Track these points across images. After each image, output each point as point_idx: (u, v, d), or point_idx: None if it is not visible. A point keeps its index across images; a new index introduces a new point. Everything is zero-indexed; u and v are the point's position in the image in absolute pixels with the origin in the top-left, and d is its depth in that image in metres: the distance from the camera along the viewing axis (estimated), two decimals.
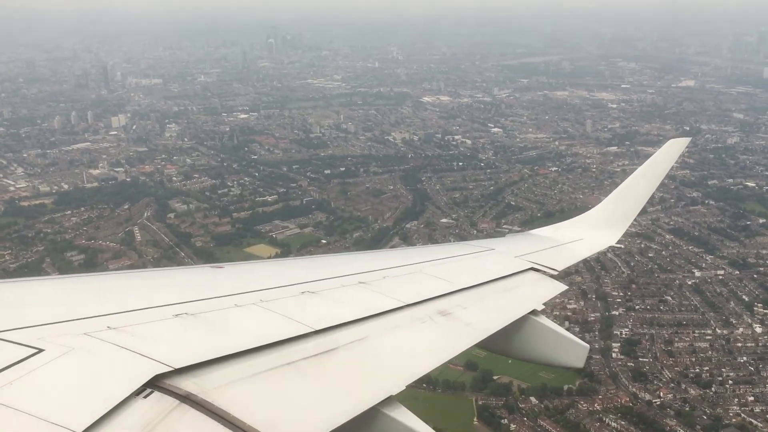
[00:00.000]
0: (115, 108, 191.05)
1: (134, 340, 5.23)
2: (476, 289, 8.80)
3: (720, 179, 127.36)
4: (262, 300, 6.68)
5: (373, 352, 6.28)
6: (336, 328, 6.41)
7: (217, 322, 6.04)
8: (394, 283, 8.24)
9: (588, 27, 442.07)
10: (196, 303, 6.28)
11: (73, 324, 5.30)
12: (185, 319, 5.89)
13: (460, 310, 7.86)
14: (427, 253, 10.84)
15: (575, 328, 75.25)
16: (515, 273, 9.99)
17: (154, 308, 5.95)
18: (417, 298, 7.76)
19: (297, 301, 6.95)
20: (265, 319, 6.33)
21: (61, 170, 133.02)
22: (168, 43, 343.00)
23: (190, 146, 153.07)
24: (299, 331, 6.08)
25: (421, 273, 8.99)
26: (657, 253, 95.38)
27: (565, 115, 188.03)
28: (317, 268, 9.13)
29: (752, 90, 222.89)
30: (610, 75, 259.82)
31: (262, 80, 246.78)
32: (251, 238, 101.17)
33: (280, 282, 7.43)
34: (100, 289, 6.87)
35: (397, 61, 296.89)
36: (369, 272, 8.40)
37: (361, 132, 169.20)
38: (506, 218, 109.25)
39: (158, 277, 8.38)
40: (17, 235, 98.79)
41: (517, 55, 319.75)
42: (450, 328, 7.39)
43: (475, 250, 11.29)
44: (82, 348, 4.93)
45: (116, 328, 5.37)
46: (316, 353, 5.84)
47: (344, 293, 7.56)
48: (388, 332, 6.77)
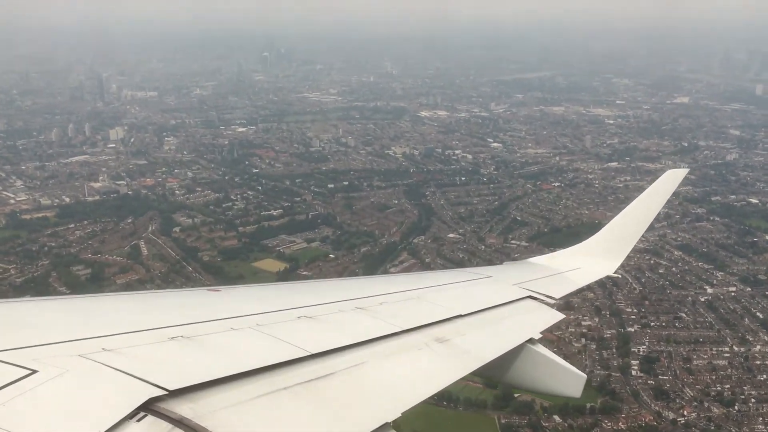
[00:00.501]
0: (112, 121, 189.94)
1: (129, 362, 5.21)
2: (474, 317, 8.82)
3: (723, 195, 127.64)
4: (258, 324, 6.68)
5: (369, 378, 6.26)
6: (332, 353, 6.41)
7: (213, 345, 6.02)
8: (392, 309, 8.22)
9: (579, 43, 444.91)
10: (192, 326, 6.27)
11: (68, 345, 5.30)
12: (181, 341, 5.88)
13: (458, 337, 7.87)
14: (425, 279, 11.12)
15: (591, 345, 75.18)
16: (513, 301, 10.06)
17: (150, 330, 5.95)
18: (414, 324, 7.77)
19: (293, 325, 6.97)
20: (262, 342, 6.33)
21: (61, 183, 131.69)
22: (162, 56, 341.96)
23: (190, 159, 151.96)
24: (295, 356, 6.06)
25: (419, 299, 9.01)
26: (667, 269, 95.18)
27: (563, 131, 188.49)
28: (314, 293, 9.15)
29: (746, 107, 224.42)
30: (604, 91, 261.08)
31: (257, 93, 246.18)
32: (258, 252, 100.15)
33: (277, 306, 7.46)
34: (96, 311, 6.88)
35: (391, 76, 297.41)
36: (366, 297, 8.43)
37: (361, 146, 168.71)
38: (513, 233, 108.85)
39: (154, 299, 8.40)
40: (21, 248, 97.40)
41: (510, 71, 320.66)
42: (447, 355, 7.38)
43: (473, 277, 11.34)
44: (77, 369, 4.92)
45: (111, 349, 5.37)
46: (312, 378, 5.82)
47: (341, 318, 7.55)
48: (385, 358, 6.75)
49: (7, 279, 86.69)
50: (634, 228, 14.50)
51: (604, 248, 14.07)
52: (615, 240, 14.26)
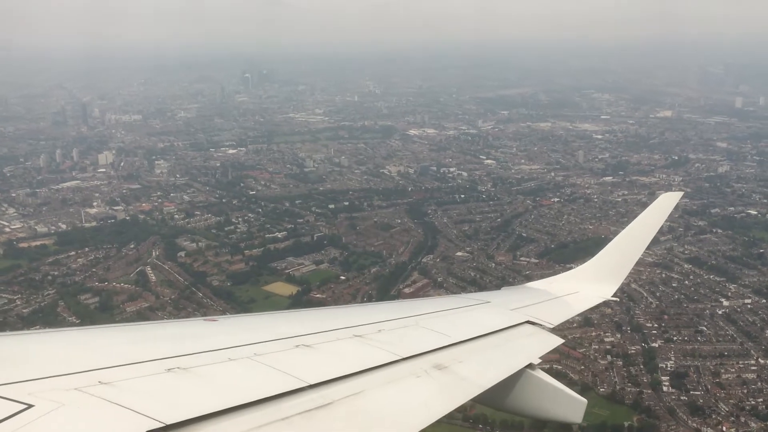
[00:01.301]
0: (99, 145, 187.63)
1: (125, 395, 5.17)
2: (472, 343, 8.78)
3: (722, 207, 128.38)
4: (256, 354, 6.64)
5: (368, 406, 6.20)
6: (331, 382, 6.35)
7: (210, 376, 5.97)
8: (390, 337, 8.18)
9: (556, 60, 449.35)
10: (188, 357, 6.22)
11: (63, 379, 5.25)
12: (177, 373, 5.83)
13: (456, 364, 7.82)
14: (423, 305, 10.98)
15: (618, 361, 74.58)
16: (511, 326, 10.01)
17: (146, 362, 5.90)
18: (413, 351, 7.73)
19: (291, 354, 6.92)
20: (259, 373, 6.27)
21: (54, 209, 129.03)
22: (141, 80, 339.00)
23: (184, 183, 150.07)
24: (293, 386, 6.01)
25: (417, 326, 8.94)
26: (680, 282, 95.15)
27: (553, 146, 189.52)
28: (312, 321, 9.03)
29: (728, 119, 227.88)
30: (587, 106, 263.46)
31: (243, 115, 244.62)
32: (268, 275, 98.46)
33: (275, 335, 7.40)
34: (92, 343, 6.79)
35: (375, 95, 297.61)
36: (364, 325, 8.37)
37: (355, 166, 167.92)
38: (521, 250, 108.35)
39: (150, 330, 8.30)
40: (24, 278, 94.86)
41: (491, 88, 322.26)
42: (446, 383, 7.32)
43: (470, 303, 11.22)
44: (73, 403, 4.87)
45: (107, 382, 5.32)
46: (310, 408, 5.76)
47: (339, 347, 7.52)
48: (384, 386, 6.70)
49: (14, 310, 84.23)
50: (630, 252, 14.44)
51: (601, 272, 14.00)
52: (612, 264, 14.17)
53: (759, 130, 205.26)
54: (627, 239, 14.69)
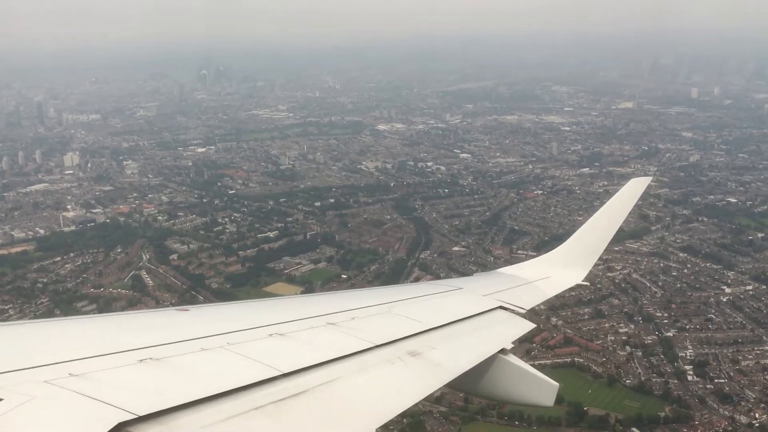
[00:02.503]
0: (60, 146, 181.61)
1: (97, 387, 5.09)
2: (445, 329, 8.78)
3: (702, 196, 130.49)
4: (229, 343, 6.56)
5: (342, 394, 6.20)
6: (305, 370, 6.34)
7: (183, 366, 5.89)
8: (364, 324, 8.17)
9: (509, 53, 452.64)
10: (161, 347, 6.14)
11: (33, 371, 5.16)
12: (150, 364, 5.77)
13: (430, 350, 7.83)
14: (396, 292, 10.87)
15: (637, 352, 74.76)
16: (484, 312, 10.03)
17: (118, 353, 5.82)
18: (387, 338, 7.72)
19: (265, 343, 6.85)
20: (233, 362, 6.22)
21: (27, 214, 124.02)
22: (92, 78, 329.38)
23: (159, 183, 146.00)
24: (267, 375, 5.99)
25: (390, 313, 8.94)
26: (679, 271, 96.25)
27: (524, 139, 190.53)
28: (285, 310, 8.97)
29: (688, 110, 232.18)
30: (549, 99, 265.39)
31: (205, 112, 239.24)
32: (266, 276, 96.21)
33: (248, 324, 7.32)
34: (62, 335, 6.69)
35: (336, 90, 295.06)
36: (338, 313, 8.35)
37: (331, 162, 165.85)
38: (516, 243, 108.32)
39: (122, 321, 8.08)
40: (11, 286, 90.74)
41: (451, 82, 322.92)
42: (420, 369, 7.34)
43: (443, 289, 11.28)
44: (43, 396, 4.79)
45: (78, 374, 5.23)
46: (284, 397, 5.74)
47: (313, 335, 7.48)
48: (358, 374, 6.69)
49: (9, 320, 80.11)
50: (601, 236, 14.50)
51: (572, 257, 14.13)
52: (583, 249, 14.29)
53: (719, 120, 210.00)
54: (597, 224, 14.75)
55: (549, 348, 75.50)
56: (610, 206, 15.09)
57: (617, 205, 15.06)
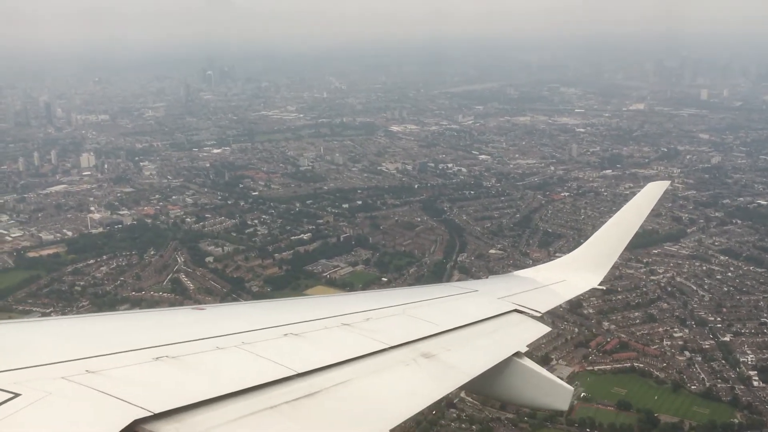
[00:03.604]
0: (73, 147, 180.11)
1: (113, 383, 5.11)
2: (460, 331, 8.75)
3: (731, 198, 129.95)
4: (244, 342, 6.54)
5: (356, 395, 6.17)
6: (319, 370, 6.30)
7: (199, 365, 5.88)
8: (378, 325, 8.10)
9: (510, 56, 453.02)
10: (177, 345, 6.12)
11: (51, 368, 5.19)
12: (166, 362, 5.76)
13: (444, 352, 7.79)
14: (411, 294, 10.90)
15: (697, 357, 73.72)
16: (499, 315, 9.97)
17: (134, 351, 5.82)
18: (401, 340, 7.67)
19: (279, 343, 6.85)
20: (247, 361, 6.20)
21: (51, 216, 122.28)
22: (95, 78, 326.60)
23: (180, 185, 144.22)
24: (282, 374, 5.96)
25: (405, 314, 8.90)
26: (723, 274, 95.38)
27: (540, 140, 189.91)
28: (300, 310, 8.90)
29: (699, 111, 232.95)
30: (558, 100, 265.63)
31: (214, 113, 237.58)
32: (305, 279, 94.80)
33: (263, 324, 7.30)
34: (79, 332, 6.69)
35: (342, 91, 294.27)
36: (352, 314, 8.30)
37: (350, 163, 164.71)
38: (552, 246, 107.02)
39: (139, 320, 8.19)
40: (48, 289, 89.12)
41: (456, 83, 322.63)
42: (434, 371, 7.29)
43: (458, 291, 11.22)
44: (60, 392, 4.83)
45: (95, 371, 5.25)
46: (298, 396, 5.72)
47: (327, 335, 7.44)
48: (372, 375, 6.66)
49: None
50: (617, 240, 14.37)
51: (588, 261, 13.97)
52: (599, 252, 14.13)
53: (733, 122, 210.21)
54: (614, 228, 14.65)
55: (606, 353, 74.47)
56: (627, 210, 14.98)
57: (635, 209, 14.98)
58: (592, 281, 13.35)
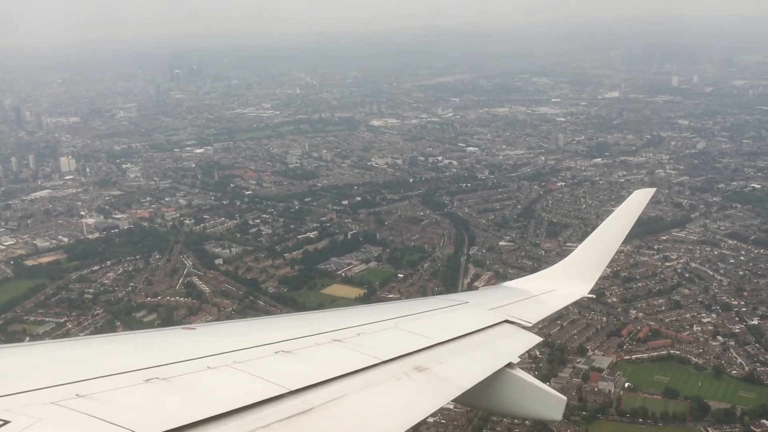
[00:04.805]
0: (49, 150, 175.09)
1: (103, 407, 5.04)
2: (452, 344, 8.73)
3: (725, 183, 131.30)
4: (235, 361, 6.51)
5: (349, 411, 6.13)
6: (311, 387, 6.25)
7: (190, 385, 5.83)
8: (369, 340, 8.10)
9: (474, 47, 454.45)
10: (167, 367, 6.08)
11: (40, 393, 5.10)
12: (157, 383, 5.71)
13: (437, 365, 7.79)
14: (401, 308, 10.95)
15: (730, 341, 73.83)
16: (490, 326, 9.98)
17: (125, 374, 5.76)
18: (393, 354, 7.66)
19: (271, 361, 6.81)
20: (239, 380, 6.16)
21: (41, 222, 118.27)
22: (58, 79, 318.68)
23: (169, 186, 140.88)
24: (274, 393, 5.91)
25: (396, 328, 8.88)
26: (735, 259, 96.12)
27: (524, 131, 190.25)
28: (291, 327, 8.83)
29: (673, 98, 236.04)
30: (533, 90, 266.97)
31: (189, 112, 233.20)
32: (320, 279, 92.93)
33: (254, 342, 7.26)
34: (68, 356, 6.60)
35: (314, 87, 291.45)
36: (343, 329, 8.29)
37: (339, 159, 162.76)
38: (561, 236, 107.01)
39: (128, 341, 8.01)
40: (57, 298, 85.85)
41: (426, 76, 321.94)
42: (427, 384, 7.27)
43: (449, 303, 11.23)
44: (50, 418, 4.74)
45: (85, 395, 5.17)
46: (291, 414, 5.66)
47: (319, 352, 7.43)
48: (365, 390, 6.62)
49: (69, 333, 75.25)
50: (605, 249, 14.40)
51: (577, 270, 13.98)
52: (588, 261, 14.15)
53: (707, 107, 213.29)
54: (602, 236, 14.61)
55: (640, 341, 74.23)
56: (614, 218, 14.92)
57: (622, 218, 14.89)
58: (581, 290, 13.32)
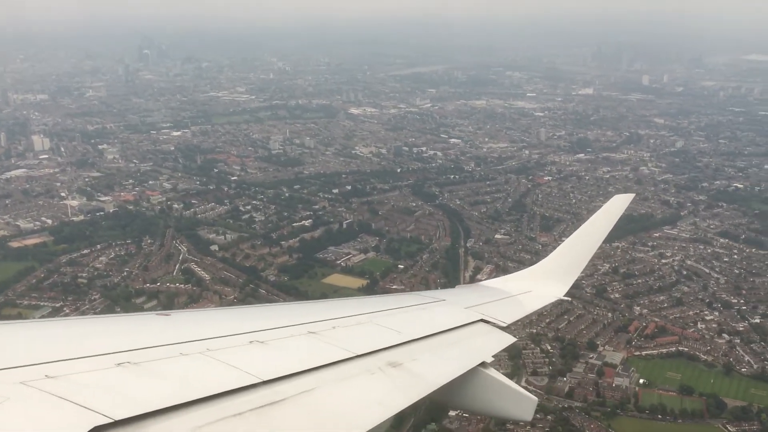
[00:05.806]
0: (19, 128, 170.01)
1: (73, 389, 4.96)
2: (427, 341, 8.76)
3: (708, 182, 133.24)
4: (208, 349, 6.46)
5: (321, 403, 6.10)
6: (284, 378, 6.22)
7: (162, 371, 5.77)
8: (344, 334, 8.12)
9: (446, 38, 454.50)
10: (140, 351, 6.03)
11: (9, 372, 5.04)
12: (128, 368, 5.65)
13: (410, 361, 7.79)
14: (378, 303, 10.84)
15: (736, 339, 74.62)
16: (465, 324, 10.01)
17: (96, 356, 5.68)
18: (367, 348, 7.66)
19: (245, 350, 6.76)
20: (212, 368, 6.08)
21: (20, 202, 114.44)
22: (21, 56, 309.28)
23: (150, 169, 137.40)
24: (246, 382, 5.84)
25: (372, 323, 8.88)
26: (729, 257, 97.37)
27: (504, 124, 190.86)
28: (266, 317, 8.86)
29: (646, 96, 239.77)
30: (508, 84, 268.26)
31: (161, 94, 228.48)
32: (319, 268, 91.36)
33: (228, 331, 7.21)
34: (39, 337, 6.56)
35: (288, 73, 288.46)
36: (319, 322, 8.28)
37: (322, 147, 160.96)
38: (556, 230, 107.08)
39: (101, 324, 7.98)
40: (50, 282, 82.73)
41: (399, 66, 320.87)
42: (400, 380, 7.28)
43: (426, 300, 11.29)
44: (18, 398, 4.69)
45: (55, 376, 5.11)
46: (263, 404, 5.60)
47: (293, 343, 7.44)
48: (338, 383, 6.62)
49: None
50: (583, 252, 14.54)
51: (554, 272, 14.14)
52: (565, 264, 14.30)
53: (681, 107, 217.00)
54: (580, 239, 14.79)
55: (648, 338, 74.63)
56: (593, 222, 15.02)
57: (600, 222, 15.00)
58: (558, 292, 13.36)
